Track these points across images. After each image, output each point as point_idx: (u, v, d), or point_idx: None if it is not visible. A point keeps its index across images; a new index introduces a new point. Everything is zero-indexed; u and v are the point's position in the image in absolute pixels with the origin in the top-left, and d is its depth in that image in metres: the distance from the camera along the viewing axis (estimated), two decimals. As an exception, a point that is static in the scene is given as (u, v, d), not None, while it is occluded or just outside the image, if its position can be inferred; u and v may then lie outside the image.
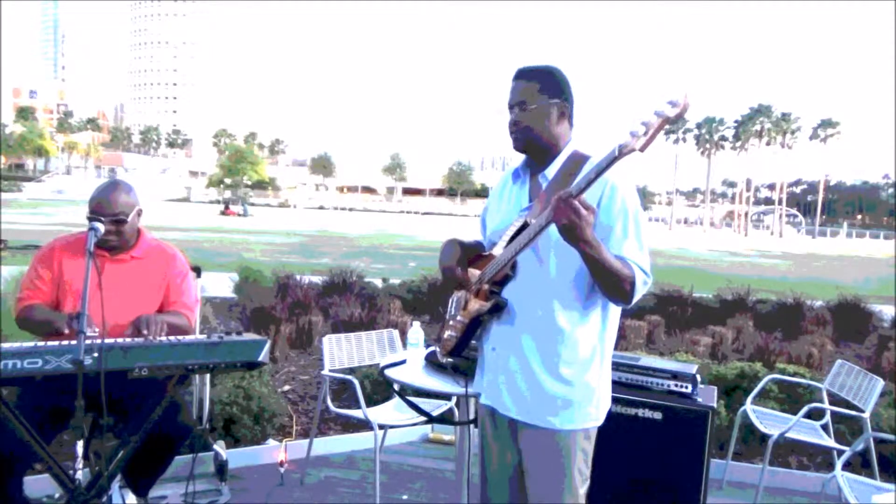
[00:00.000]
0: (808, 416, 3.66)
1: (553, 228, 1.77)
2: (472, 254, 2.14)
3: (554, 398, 1.93)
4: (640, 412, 2.95)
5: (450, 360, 2.19)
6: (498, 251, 2.00)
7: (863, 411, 3.49)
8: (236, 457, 3.61)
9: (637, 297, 1.87)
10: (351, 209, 75.52)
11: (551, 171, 1.99)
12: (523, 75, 2.02)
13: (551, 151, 2.01)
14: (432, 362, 2.87)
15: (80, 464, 2.80)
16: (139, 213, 2.76)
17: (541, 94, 1.98)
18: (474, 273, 2.09)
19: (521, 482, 2.06)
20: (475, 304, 2.05)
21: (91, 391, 1.97)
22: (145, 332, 2.40)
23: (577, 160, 1.96)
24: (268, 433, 3.98)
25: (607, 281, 1.84)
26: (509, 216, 2.04)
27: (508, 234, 1.98)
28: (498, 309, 1.98)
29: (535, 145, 2.00)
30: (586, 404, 1.96)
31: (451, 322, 2.17)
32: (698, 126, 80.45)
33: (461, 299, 2.16)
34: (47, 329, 2.39)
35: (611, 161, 1.64)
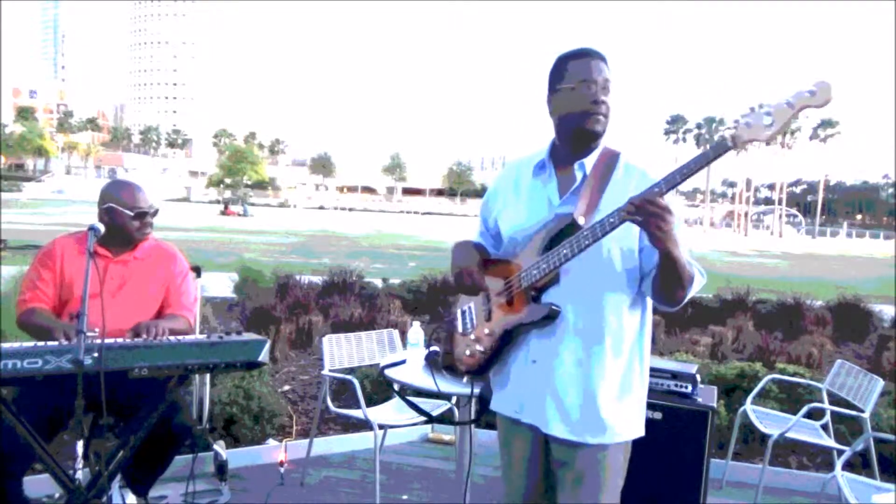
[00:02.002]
0: (808, 416, 3.66)
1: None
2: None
3: (605, 412, 1.81)
4: (640, 412, 2.94)
5: (470, 377, 2.00)
6: (531, 254, 1.81)
7: (863, 411, 3.49)
8: (236, 457, 3.61)
9: (688, 297, 1.79)
10: (351, 209, 75.57)
11: (589, 162, 1.84)
12: (601, 57, 1.82)
13: (595, 143, 1.86)
14: (433, 362, 2.87)
15: (80, 464, 2.80)
16: None
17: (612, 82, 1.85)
18: (495, 280, 1.91)
19: (542, 491, 1.96)
20: (511, 314, 1.85)
21: (91, 391, 1.97)
22: (145, 337, 2.39)
23: (611, 155, 1.85)
24: (268, 433, 3.98)
25: (677, 281, 1.72)
26: (536, 214, 1.85)
27: (544, 235, 1.80)
28: (550, 318, 1.78)
29: (605, 133, 1.84)
30: (633, 414, 1.87)
31: (472, 336, 1.96)
32: (698, 126, 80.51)
33: (478, 310, 1.96)
34: (45, 336, 2.39)
35: (720, 152, 1.57)
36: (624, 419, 1.84)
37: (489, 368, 1.94)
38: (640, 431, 1.89)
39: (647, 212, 1.58)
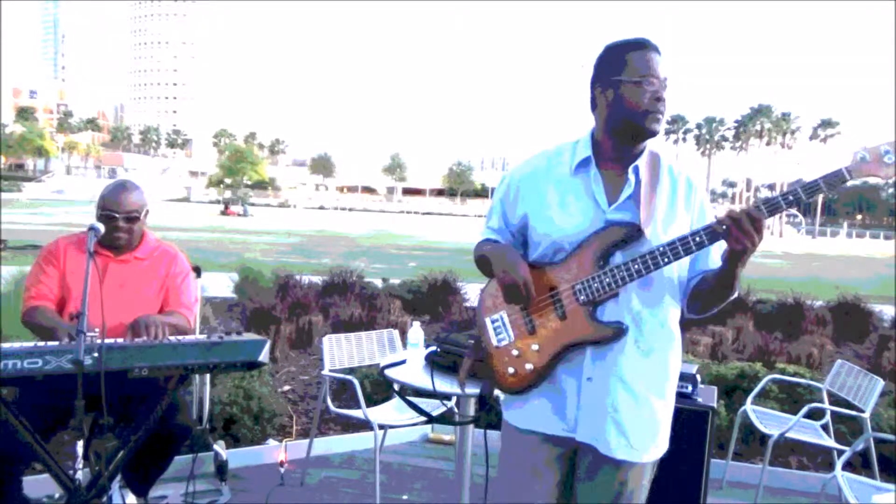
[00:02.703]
0: (809, 416, 3.65)
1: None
2: None
3: (658, 429, 1.75)
4: (640, 412, 2.94)
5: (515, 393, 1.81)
6: (583, 264, 1.68)
7: (863, 411, 3.49)
8: (236, 457, 3.61)
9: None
10: (351, 209, 75.58)
11: (641, 165, 1.71)
12: (657, 49, 1.69)
13: (645, 143, 1.74)
14: (433, 362, 2.87)
15: (80, 464, 2.80)
16: (146, 214, 2.79)
17: None
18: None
19: None
20: (568, 330, 1.70)
21: (91, 391, 1.97)
22: (145, 335, 2.39)
23: (655, 157, 1.75)
24: (268, 433, 3.98)
25: (725, 296, 1.69)
26: (585, 218, 1.70)
27: (599, 244, 1.67)
28: (617, 338, 1.67)
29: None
30: (669, 427, 1.79)
31: (513, 352, 1.76)
32: (698, 126, 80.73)
33: (515, 321, 1.78)
34: (48, 336, 2.40)
35: (833, 184, 1.52)
36: (666, 434, 1.79)
37: (536, 387, 1.75)
38: (667, 444, 1.81)
39: (743, 230, 1.52)
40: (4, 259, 9.26)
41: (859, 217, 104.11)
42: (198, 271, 3.20)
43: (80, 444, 2.83)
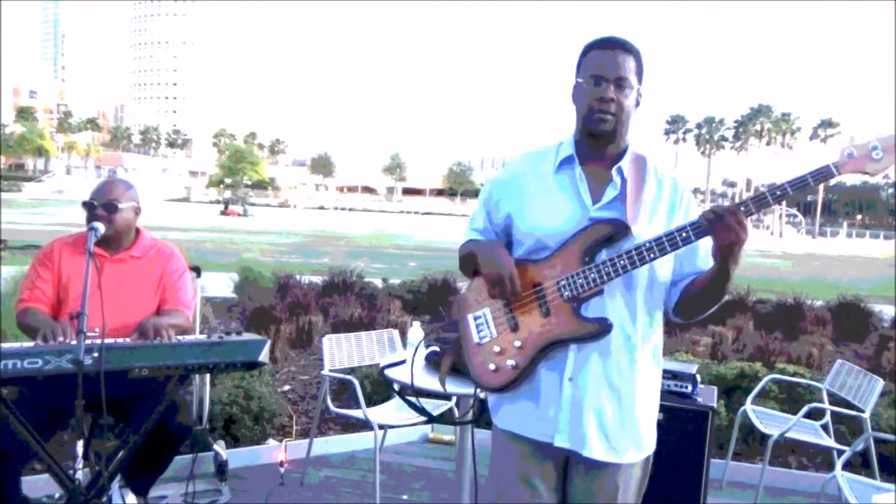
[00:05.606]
0: (808, 416, 3.65)
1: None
2: None
3: (642, 428, 1.74)
4: (640, 412, 2.95)
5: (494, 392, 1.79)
6: (567, 260, 1.67)
7: (863, 411, 3.49)
8: (236, 457, 3.61)
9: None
10: (351, 209, 75.57)
11: (626, 166, 1.71)
12: (622, 46, 1.69)
13: (622, 144, 1.74)
14: (432, 362, 2.87)
15: (80, 464, 2.80)
16: (137, 212, 2.77)
17: (636, 75, 1.70)
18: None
19: None
20: (552, 326, 1.68)
21: (91, 391, 1.97)
22: (153, 339, 2.37)
23: (641, 159, 1.75)
24: (268, 433, 3.98)
25: (717, 299, 1.67)
26: (569, 215, 1.70)
27: (584, 240, 1.66)
28: (603, 334, 1.65)
29: (618, 133, 1.70)
30: (654, 426, 1.79)
31: (494, 348, 1.74)
32: (698, 126, 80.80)
33: (497, 317, 1.76)
34: (35, 336, 2.39)
35: (820, 179, 1.53)
36: (652, 432, 1.78)
37: (518, 385, 1.72)
38: (654, 444, 1.81)
39: (726, 224, 1.52)
40: (4, 259, 9.26)
41: (859, 217, 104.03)
42: (198, 271, 3.20)
43: (80, 444, 2.83)
